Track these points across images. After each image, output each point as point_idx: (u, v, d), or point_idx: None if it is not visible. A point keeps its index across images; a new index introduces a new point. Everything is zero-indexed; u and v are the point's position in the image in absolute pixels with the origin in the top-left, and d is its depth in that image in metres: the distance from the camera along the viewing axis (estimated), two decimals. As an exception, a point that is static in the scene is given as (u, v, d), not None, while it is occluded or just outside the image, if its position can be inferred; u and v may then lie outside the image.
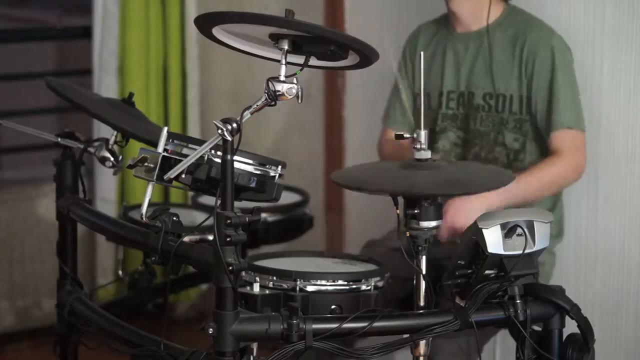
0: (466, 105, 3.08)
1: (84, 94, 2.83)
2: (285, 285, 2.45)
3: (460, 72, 3.09)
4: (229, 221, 2.08)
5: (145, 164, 2.28)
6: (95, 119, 3.30)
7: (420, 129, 2.35)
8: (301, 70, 2.17)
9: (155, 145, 2.30)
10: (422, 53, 2.57)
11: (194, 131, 4.37)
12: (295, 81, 2.14)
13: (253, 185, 2.25)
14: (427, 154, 2.35)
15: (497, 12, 3.07)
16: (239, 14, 2.15)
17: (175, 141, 2.29)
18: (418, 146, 2.35)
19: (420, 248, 2.30)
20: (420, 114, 2.36)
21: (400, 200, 2.32)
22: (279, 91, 2.13)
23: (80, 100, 2.69)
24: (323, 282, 2.45)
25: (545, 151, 3.03)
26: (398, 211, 2.29)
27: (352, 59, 2.21)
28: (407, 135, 2.38)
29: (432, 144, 3.11)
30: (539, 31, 3.01)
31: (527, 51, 2.98)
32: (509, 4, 3.10)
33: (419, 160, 2.35)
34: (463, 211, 2.79)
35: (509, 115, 3.02)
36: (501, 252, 2.29)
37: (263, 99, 2.14)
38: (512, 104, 3.02)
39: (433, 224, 2.29)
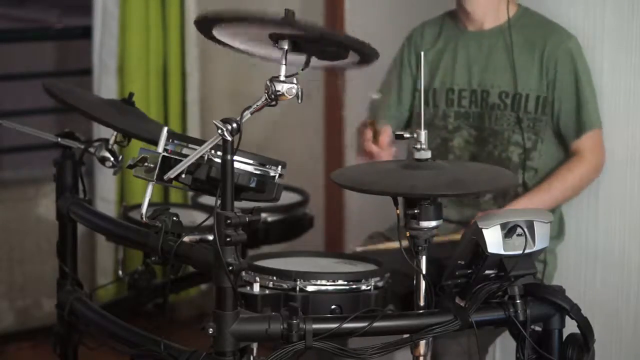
0: (479, 103, 3.09)
1: (83, 96, 2.83)
2: (285, 285, 2.45)
3: (473, 70, 3.10)
4: (229, 221, 2.08)
5: (145, 164, 2.28)
6: (94, 121, 3.30)
7: (420, 128, 2.34)
8: (302, 69, 2.17)
9: (156, 144, 2.30)
10: (422, 53, 2.58)
11: (194, 131, 4.37)
12: (295, 81, 2.13)
13: (253, 185, 2.25)
14: (427, 154, 2.34)
15: (511, 12, 3.08)
16: (240, 14, 2.15)
17: (175, 141, 2.29)
18: (418, 146, 2.34)
19: (420, 248, 2.30)
20: (421, 113, 2.36)
21: (401, 199, 2.32)
22: (279, 91, 2.13)
23: (80, 103, 2.69)
24: (323, 282, 2.45)
25: (557, 151, 3.06)
26: (398, 211, 2.29)
27: (352, 58, 2.21)
28: (407, 135, 2.38)
29: (447, 143, 3.13)
30: (558, 34, 3.05)
31: (547, 54, 3.01)
32: (520, 5, 3.11)
33: (418, 160, 2.35)
34: None
35: (524, 114, 3.03)
36: (501, 252, 2.29)
37: (263, 99, 2.14)
38: (527, 103, 3.03)
39: (433, 224, 2.29)
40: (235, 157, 2.12)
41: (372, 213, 3.62)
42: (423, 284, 2.32)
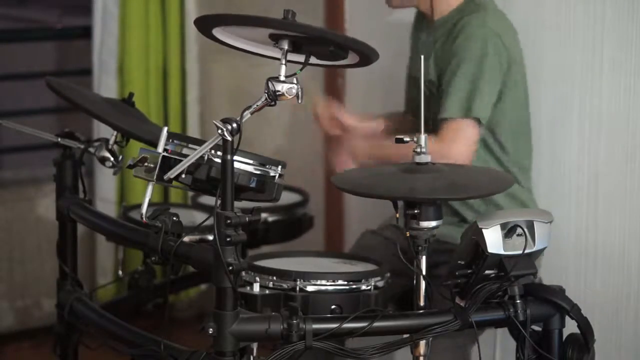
0: (417, 92, 3.10)
1: (84, 94, 2.83)
2: (285, 285, 2.45)
3: (417, 60, 3.12)
4: (229, 221, 2.08)
5: (145, 164, 2.28)
6: (95, 119, 3.30)
7: (420, 132, 2.35)
8: (301, 70, 2.17)
9: (155, 145, 2.30)
10: (422, 57, 2.57)
11: (194, 131, 4.37)
12: (295, 81, 2.14)
13: (253, 185, 2.25)
14: (427, 158, 2.35)
15: (456, 3, 3.05)
16: (238, 16, 2.15)
17: (175, 141, 2.29)
18: (418, 150, 2.35)
19: (420, 248, 2.30)
20: (421, 115, 2.36)
21: (400, 202, 2.32)
22: (278, 91, 2.13)
23: (81, 100, 2.69)
24: (323, 282, 2.46)
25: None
26: (397, 215, 2.30)
27: (352, 57, 2.21)
28: (407, 139, 2.38)
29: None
30: (476, 15, 2.98)
31: (456, 31, 2.98)
32: None
33: (418, 164, 2.35)
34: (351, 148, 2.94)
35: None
36: (501, 252, 2.29)
37: (263, 99, 2.14)
38: None
39: (433, 224, 2.29)
40: (235, 157, 2.12)
41: (371, 213, 3.62)
42: (423, 284, 2.32)
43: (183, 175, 2.24)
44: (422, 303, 2.32)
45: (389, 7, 3.13)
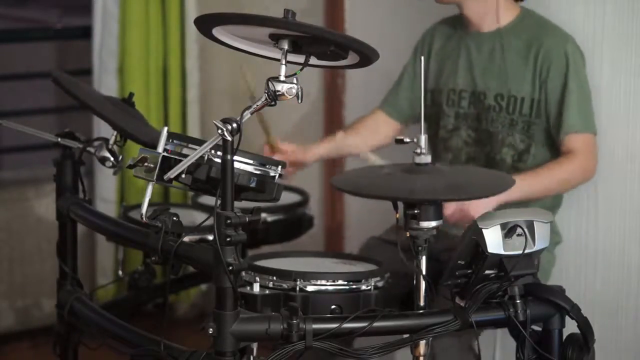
0: (477, 105, 3.10)
1: (87, 91, 2.83)
2: (285, 285, 2.45)
3: (473, 72, 3.11)
4: (229, 221, 2.08)
5: (145, 164, 2.28)
6: (98, 117, 3.31)
7: (420, 132, 2.35)
8: (301, 70, 2.17)
9: (153, 147, 2.29)
10: (422, 58, 2.58)
11: (194, 131, 4.37)
12: (295, 81, 2.13)
13: (253, 185, 2.25)
14: (427, 159, 2.35)
15: (511, 15, 3.08)
16: (239, 15, 2.15)
17: (175, 141, 2.29)
18: (418, 151, 2.35)
19: (420, 248, 2.30)
20: (421, 115, 2.37)
21: (400, 203, 2.32)
22: (279, 91, 2.13)
23: (85, 98, 2.69)
24: (323, 282, 2.45)
25: (550, 154, 3.06)
26: (397, 215, 2.30)
27: (352, 58, 2.21)
28: (407, 140, 2.38)
29: (446, 142, 3.15)
30: (553, 37, 3.04)
31: (542, 57, 3.01)
32: (523, 8, 3.12)
33: (418, 164, 2.35)
34: (476, 200, 2.78)
35: (519, 116, 3.04)
36: (501, 252, 2.29)
37: (263, 99, 2.14)
38: (522, 106, 3.03)
39: (433, 224, 2.29)
40: (235, 157, 2.12)
41: (372, 213, 3.62)
42: (423, 284, 2.32)
43: (183, 175, 2.23)
44: (422, 303, 2.33)
45: (436, 2, 3.12)
